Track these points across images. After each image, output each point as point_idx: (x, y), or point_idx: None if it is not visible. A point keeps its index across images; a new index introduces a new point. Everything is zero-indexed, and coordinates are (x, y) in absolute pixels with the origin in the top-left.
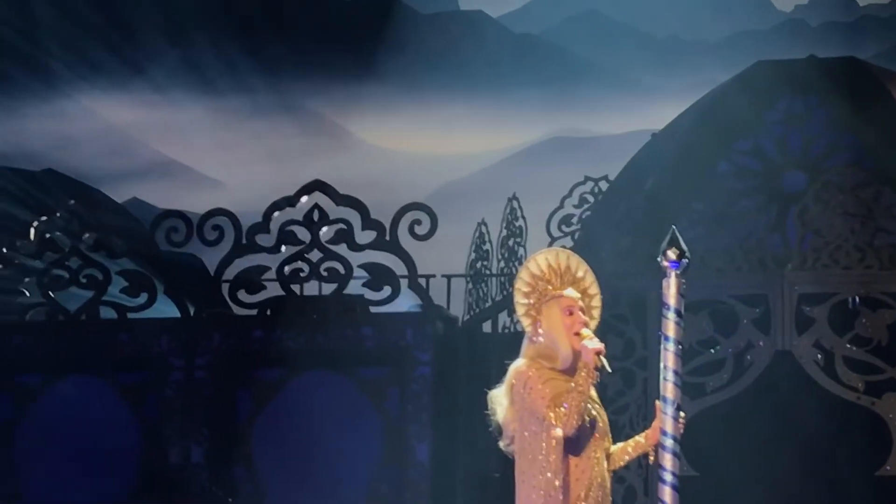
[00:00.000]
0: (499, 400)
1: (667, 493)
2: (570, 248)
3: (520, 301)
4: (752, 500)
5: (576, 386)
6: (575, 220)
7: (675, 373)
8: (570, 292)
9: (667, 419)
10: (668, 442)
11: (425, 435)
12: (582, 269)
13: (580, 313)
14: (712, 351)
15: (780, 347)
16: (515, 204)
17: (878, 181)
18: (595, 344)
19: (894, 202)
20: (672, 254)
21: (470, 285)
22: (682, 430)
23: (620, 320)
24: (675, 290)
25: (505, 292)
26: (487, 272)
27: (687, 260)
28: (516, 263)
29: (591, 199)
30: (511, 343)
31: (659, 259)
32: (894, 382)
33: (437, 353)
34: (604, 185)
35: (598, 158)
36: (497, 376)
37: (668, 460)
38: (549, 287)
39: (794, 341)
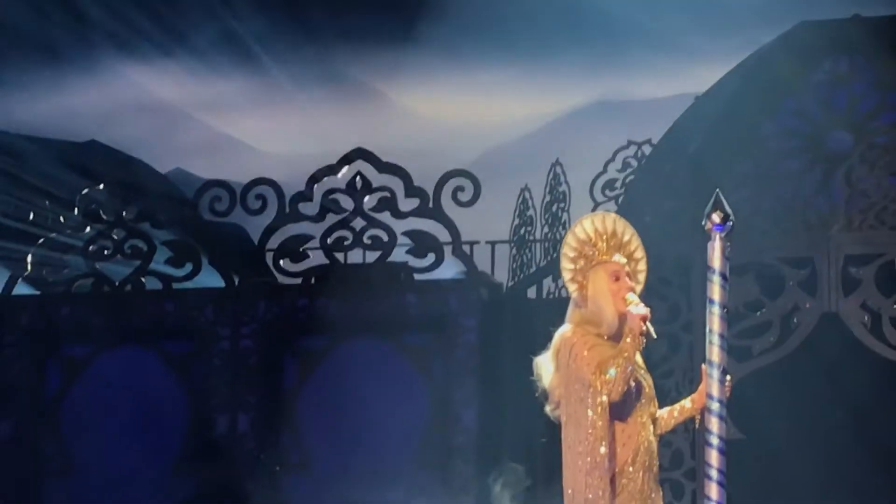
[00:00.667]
0: (544, 366)
1: (713, 457)
2: (615, 213)
3: (566, 266)
4: (799, 463)
5: (621, 352)
6: (618, 184)
7: (721, 336)
8: (617, 258)
9: (713, 382)
10: (715, 405)
11: (471, 401)
12: (628, 233)
13: (626, 279)
14: (758, 314)
15: (826, 309)
16: (559, 169)
17: None
18: (641, 309)
19: None
20: (716, 217)
21: (514, 251)
22: (728, 394)
23: (665, 284)
24: (719, 253)
25: (549, 258)
26: (531, 238)
27: (731, 223)
28: (560, 229)
29: (634, 163)
30: (556, 308)
31: (703, 222)
32: None
33: (482, 319)
34: (647, 149)
35: (641, 122)
36: (542, 342)
37: (714, 424)
38: (595, 252)
39: (840, 303)
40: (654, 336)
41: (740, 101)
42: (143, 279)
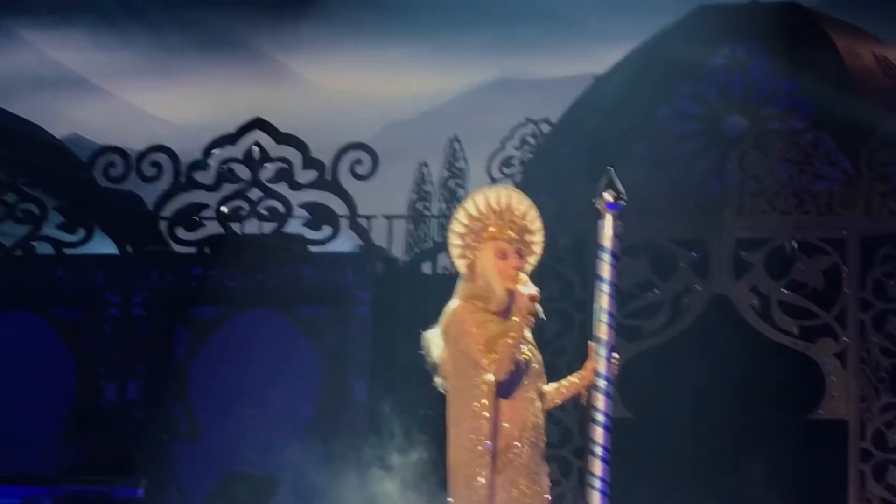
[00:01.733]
0: (433, 340)
1: (599, 434)
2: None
3: (454, 242)
4: (685, 443)
5: (509, 331)
6: (516, 161)
7: (610, 314)
8: (505, 235)
9: (600, 360)
10: (602, 383)
11: (363, 373)
12: (524, 206)
13: (515, 256)
14: (650, 294)
15: (717, 292)
16: (457, 145)
17: (817, 128)
18: (530, 290)
19: (833, 149)
20: (608, 195)
21: (410, 226)
22: (616, 372)
23: (559, 262)
24: (610, 231)
25: (445, 233)
26: (428, 213)
27: (623, 202)
28: (457, 205)
29: (532, 141)
30: (450, 284)
31: (595, 201)
32: (829, 327)
33: (377, 293)
34: (545, 128)
35: (541, 101)
36: (436, 317)
37: (600, 401)
38: (485, 228)
39: (730, 286)
40: (544, 318)
41: (638, 83)
42: (34, 244)
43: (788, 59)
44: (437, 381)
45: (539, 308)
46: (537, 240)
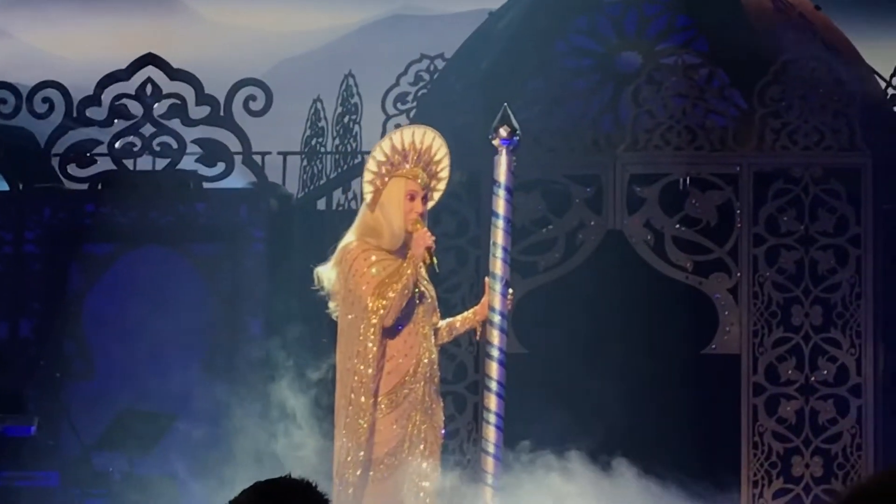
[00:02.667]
0: (325, 273)
1: (493, 369)
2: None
3: (370, 167)
4: (579, 378)
5: (400, 277)
6: (410, 98)
7: (505, 249)
8: (420, 177)
9: (495, 295)
10: (496, 318)
11: (258, 310)
12: (441, 152)
13: (421, 201)
14: (544, 230)
15: (611, 227)
16: (351, 81)
17: (711, 63)
18: (427, 239)
19: (726, 84)
20: (503, 131)
21: (305, 162)
22: (510, 307)
23: (455, 199)
24: (505, 167)
25: (340, 169)
26: (322, 149)
27: (518, 137)
28: (351, 141)
29: (427, 77)
30: (345, 220)
31: (490, 136)
32: (722, 262)
33: (271, 229)
34: (440, 64)
35: (436, 37)
36: (331, 253)
37: (495, 336)
38: (403, 163)
39: (625, 221)
40: (437, 270)
41: (533, 19)
42: None
43: None
44: (331, 306)
45: (434, 258)
46: (441, 188)
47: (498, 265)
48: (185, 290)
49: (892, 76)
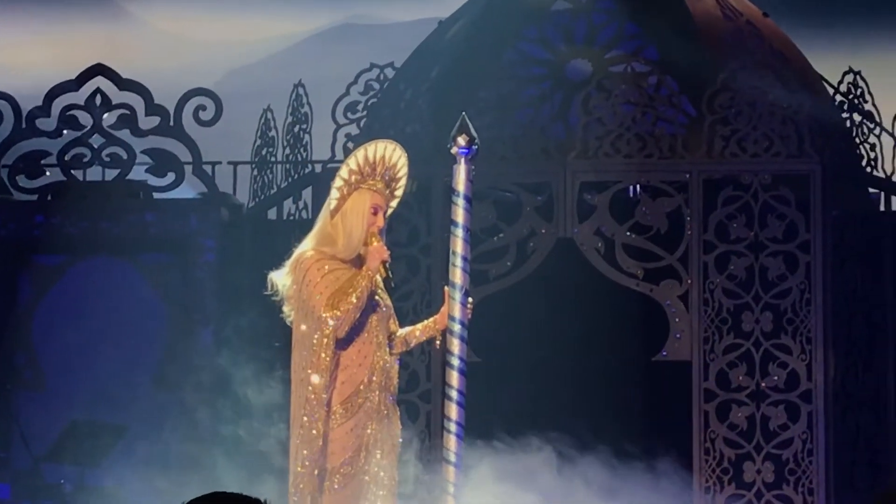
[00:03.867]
0: (281, 280)
1: (454, 378)
2: (356, 136)
3: (342, 174)
4: (532, 386)
5: (354, 288)
6: (361, 107)
7: (464, 258)
8: (385, 193)
9: (455, 304)
10: (456, 327)
11: (209, 320)
12: (403, 171)
13: (382, 218)
14: (495, 238)
15: (562, 235)
16: (301, 91)
17: (660, 71)
18: (384, 253)
19: (675, 91)
20: (462, 140)
21: (255, 172)
22: (469, 316)
23: (406, 207)
24: (464, 176)
25: (290, 179)
26: (273, 159)
27: (476, 146)
28: (301, 150)
29: (377, 86)
30: (296, 229)
31: (449, 146)
32: (672, 269)
33: (222, 239)
34: (390, 73)
35: (386, 46)
36: (281, 263)
37: (455, 345)
38: (371, 176)
39: (575, 229)
40: (392, 284)
41: (483, 27)
42: None
43: (632, 2)
44: (285, 310)
45: (389, 272)
46: (393, 205)
47: (457, 274)
48: (136, 300)
49: (839, 83)
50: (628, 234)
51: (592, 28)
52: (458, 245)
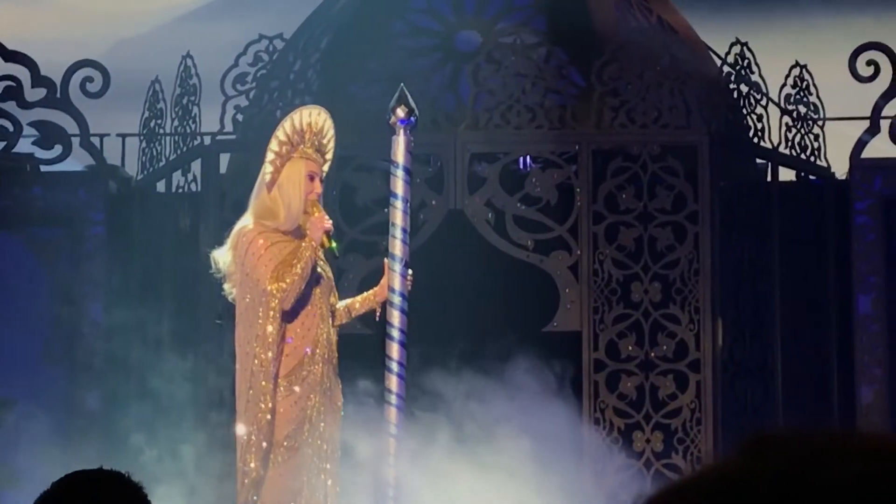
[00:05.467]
0: (222, 256)
1: (394, 350)
2: (245, 108)
3: (272, 147)
4: (423, 356)
5: (299, 260)
6: (250, 78)
7: (404, 230)
8: (318, 158)
9: (395, 276)
10: (396, 299)
11: (98, 295)
12: (330, 134)
13: (319, 183)
14: (385, 210)
15: (452, 207)
16: (190, 62)
17: (549, 42)
18: (326, 223)
19: (564, 63)
20: (401, 111)
21: (144, 144)
22: (409, 287)
23: None
24: (403, 147)
25: (179, 151)
26: (161, 131)
27: (415, 118)
28: (190, 122)
29: (266, 57)
30: (185, 202)
31: (388, 117)
32: (562, 240)
33: (110, 212)
34: (280, 44)
35: (276, 17)
36: (171, 235)
37: (395, 317)
38: (302, 144)
39: (466, 200)
40: (337, 255)
41: None
42: None
43: None
44: (226, 288)
45: (334, 242)
46: (326, 168)
47: (397, 246)
48: (24, 274)
49: (726, 54)
50: (518, 205)
51: None
52: (398, 217)
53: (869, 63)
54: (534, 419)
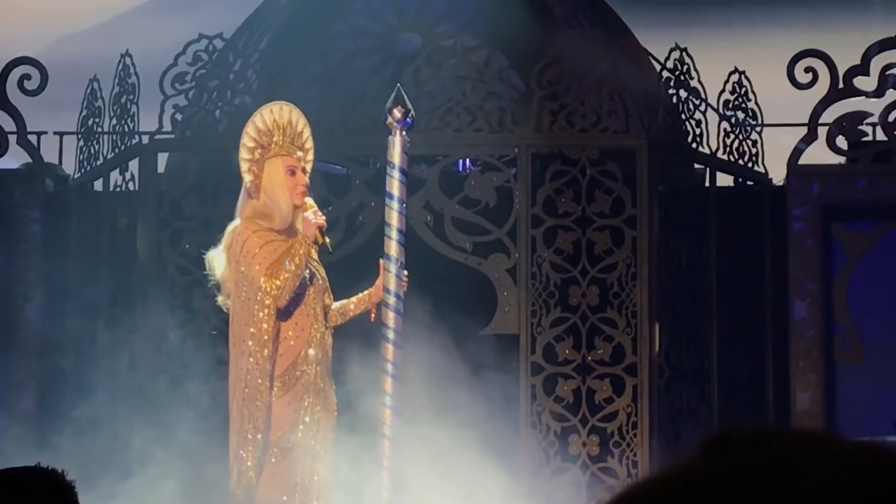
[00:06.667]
0: (217, 259)
1: (389, 352)
2: (184, 107)
3: (244, 156)
4: (360, 360)
5: (293, 257)
6: (189, 78)
7: (400, 231)
8: (293, 151)
9: (390, 277)
10: (392, 300)
11: (33, 294)
12: (302, 123)
13: (302, 174)
14: (325, 211)
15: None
16: (129, 60)
17: (489, 45)
18: (318, 219)
19: (504, 66)
20: (398, 112)
21: (81, 143)
22: (405, 288)
23: (233, 179)
24: (399, 148)
25: (117, 150)
26: (99, 129)
27: (412, 118)
28: (128, 121)
29: (205, 57)
30: (123, 201)
31: (385, 118)
32: (501, 243)
33: (47, 210)
34: (219, 44)
35: (216, 16)
36: (108, 234)
37: (391, 318)
38: (273, 143)
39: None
40: (331, 249)
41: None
42: None
43: None
44: (220, 299)
45: (327, 237)
46: (310, 158)
47: (393, 247)
48: None
49: (666, 59)
50: (457, 207)
51: (424, 1)
52: (394, 218)
53: (807, 70)
54: (470, 422)
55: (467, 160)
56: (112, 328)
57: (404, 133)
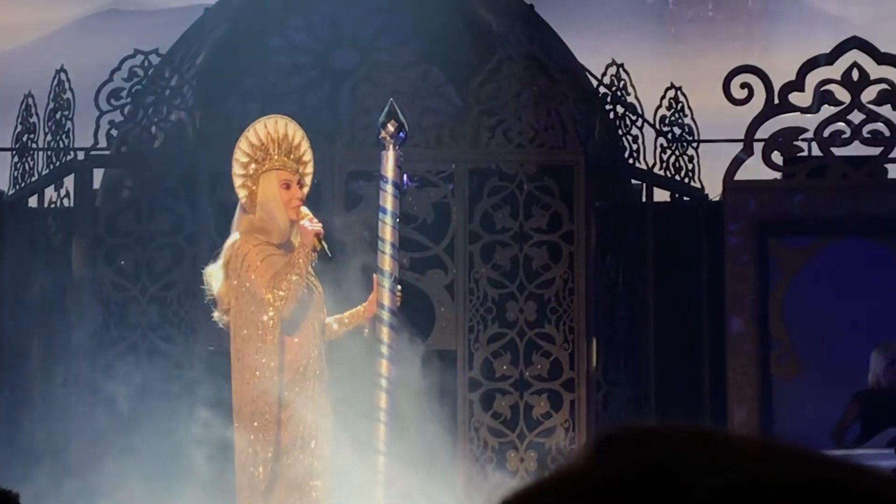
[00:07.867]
0: (214, 274)
1: (384, 367)
2: (119, 123)
3: (237, 172)
4: None
5: (294, 267)
6: (125, 94)
7: (393, 246)
8: (289, 165)
9: (384, 292)
10: (386, 315)
11: None
12: (299, 136)
13: (297, 187)
14: None
15: (328, 224)
16: (63, 76)
17: (426, 60)
18: (315, 226)
19: (441, 82)
20: (391, 126)
21: (16, 159)
22: (398, 303)
23: (170, 195)
24: (392, 163)
25: (52, 166)
26: (34, 146)
27: (405, 133)
28: (63, 137)
29: (141, 73)
30: (57, 218)
31: (378, 132)
32: (438, 259)
33: None
34: (155, 59)
35: (151, 32)
36: (42, 250)
37: (384, 333)
38: (267, 157)
39: (342, 218)
40: (329, 255)
41: (249, 15)
42: None
43: None
44: (216, 314)
45: (325, 245)
46: (309, 170)
47: (387, 261)
48: None
49: (602, 75)
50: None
51: (360, 17)
52: (387, 232)
53: (743, 86)
54: (406, 437)
55: (405, 176)
56: (46, 345)
57: (398, 147)
